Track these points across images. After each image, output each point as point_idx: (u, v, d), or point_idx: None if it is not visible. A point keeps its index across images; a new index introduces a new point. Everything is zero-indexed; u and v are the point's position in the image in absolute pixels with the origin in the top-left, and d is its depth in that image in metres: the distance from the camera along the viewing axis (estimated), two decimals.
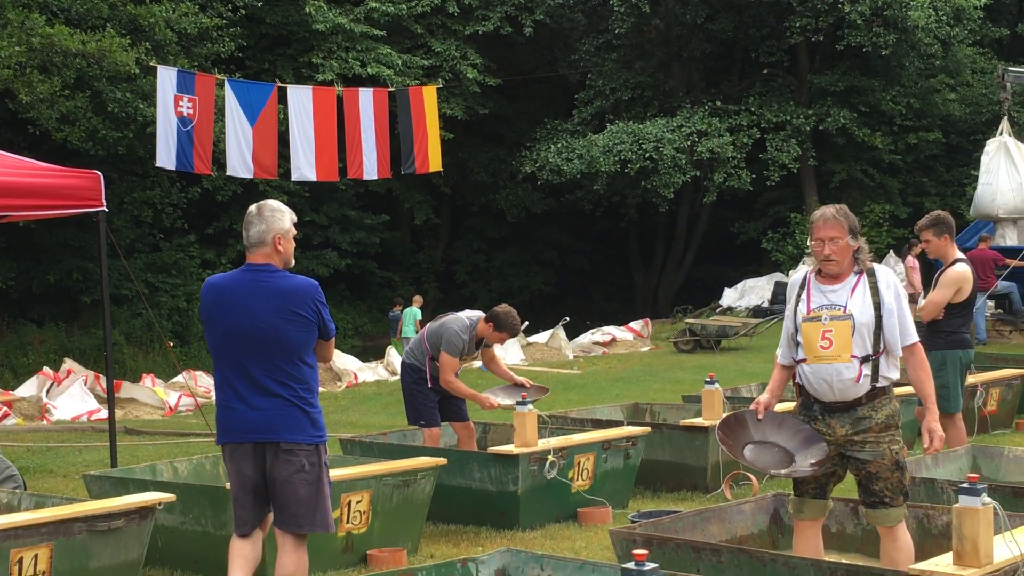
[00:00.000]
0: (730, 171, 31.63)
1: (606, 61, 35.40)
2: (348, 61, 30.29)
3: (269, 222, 5.83)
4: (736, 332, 23.45)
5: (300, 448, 5.69)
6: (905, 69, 32.93)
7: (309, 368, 5.77)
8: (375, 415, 15.88)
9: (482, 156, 37.18)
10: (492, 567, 5.50)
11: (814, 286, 5.89)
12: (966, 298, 9.18)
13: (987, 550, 5.04)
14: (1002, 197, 21.96)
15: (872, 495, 5.81)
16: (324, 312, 5.77)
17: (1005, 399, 12.18)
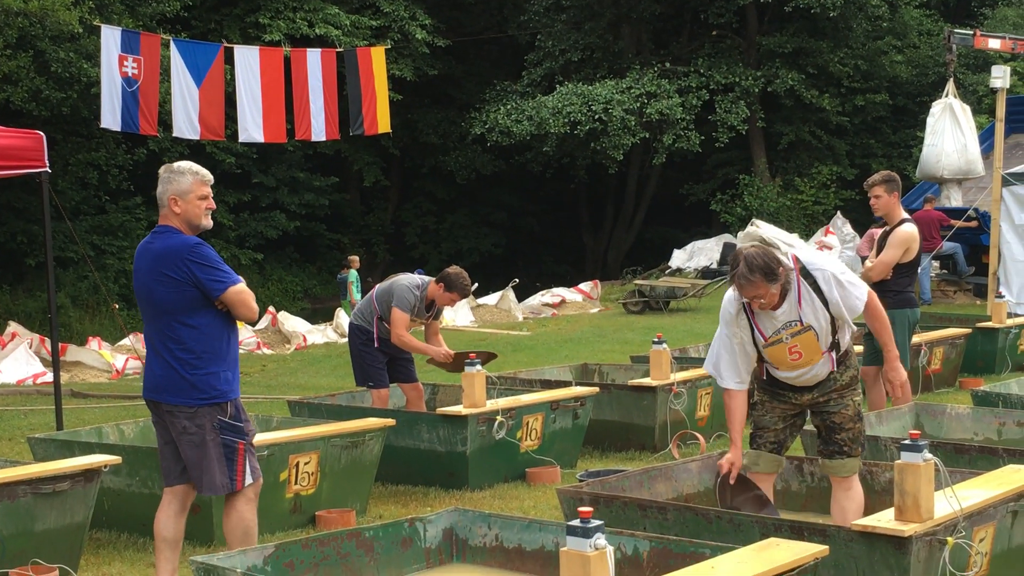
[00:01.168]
0: (679, 133, 31.68)
1: (555, 22, 35.29)
2: (296, 21, 30.01)
3: (166, 183, 5.78)
4: (685, 293, 23.55)
5: (179, 410, 5.71)
6: (853, 31, 33.08)
7: (188, 329, 5.67)
8: (324, 377, 15.85)
9: (431, 118, 37.02)
10: (440, 527, 5.52)
11: (759, 313, 5.79)
12: (913, 258, 9.26)
13: (928, 505, 5.10)
14: (947, 158, 22.15)
15: (833, 444, 5.91)
16: (199, 271, 5.63)
17: (949, 358, 12.33)
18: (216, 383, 5.70)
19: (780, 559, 4.62)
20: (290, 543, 5.11)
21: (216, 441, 5.70)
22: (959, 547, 5.16)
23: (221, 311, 5.74)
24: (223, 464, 5.72)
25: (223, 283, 5.66)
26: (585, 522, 4.13)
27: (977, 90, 29.48)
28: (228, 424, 5.72)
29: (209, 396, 5.68)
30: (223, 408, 5.72)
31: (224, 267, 5.75)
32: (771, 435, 6.00)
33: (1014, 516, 5.63)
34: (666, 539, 5.04)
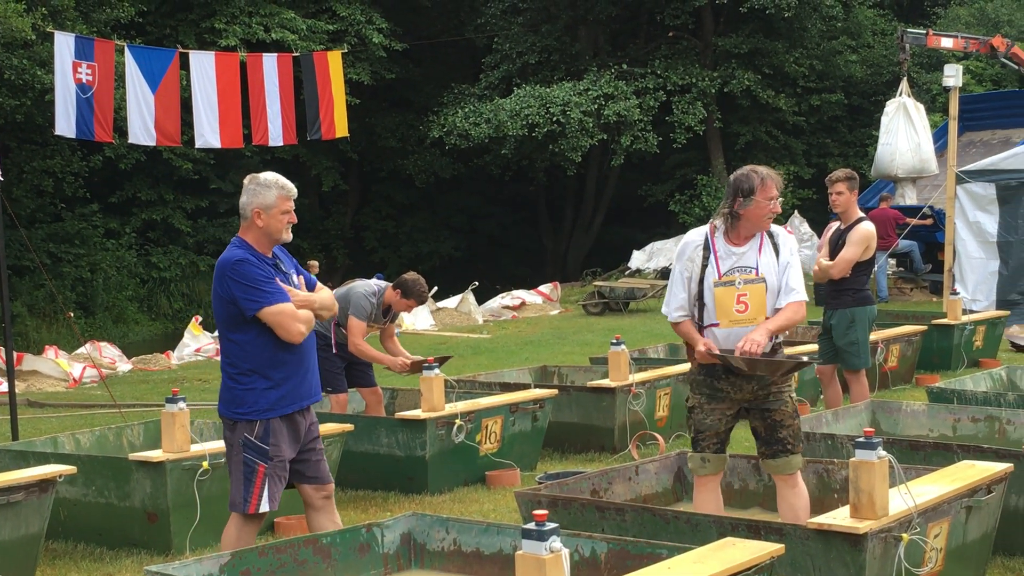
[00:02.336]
0: (637, 134, 31.76)
1: (512, 25, 35.31)
2: (252, 26, 29.89)
3: (251, 195, 5.82)
4: (644, 294, 23.61)
5: (224, 421, 5.82)
6: (807, 31, 33.28)
7: (232, 344, 5.72)
8: None
9: (389, 121, 36.95)
10: (398, 532, 5.51)
11: (722, 247, 5.87)
12: (870, 256, 9.34)
13: (883, 502, 5.14)
14: (901, 157, 22.31)
15: (776, 443, 5.91)
16: (236, 289, 5.64)
17: (905, 355, 12.43)
18: (250, 399, 5.69)
19: (736, 558, 4.64)
20: (246, 551, 5.09)
21: (239, 458, 5.72)
22: (914, 543, 5.20)
23: (268, 329, 5.69)
24: (240, 482, 5.73)
25: (257, 303, 5.64)
26: (540, 525, 4.14)
27: (931, 89, 29.73)
28: (251, 443, 5.70)
29: (243, 412, 5.70)
30: (251, 426, 5.70)
31: (266, 287, 5.68)
32: (713, 437, 5.95)
33: (968, 512, 5.68)
34: (623, 540, 5.05)
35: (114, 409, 12.58)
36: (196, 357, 19.73)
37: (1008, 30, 29.63)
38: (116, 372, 18.18)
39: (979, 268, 16.86)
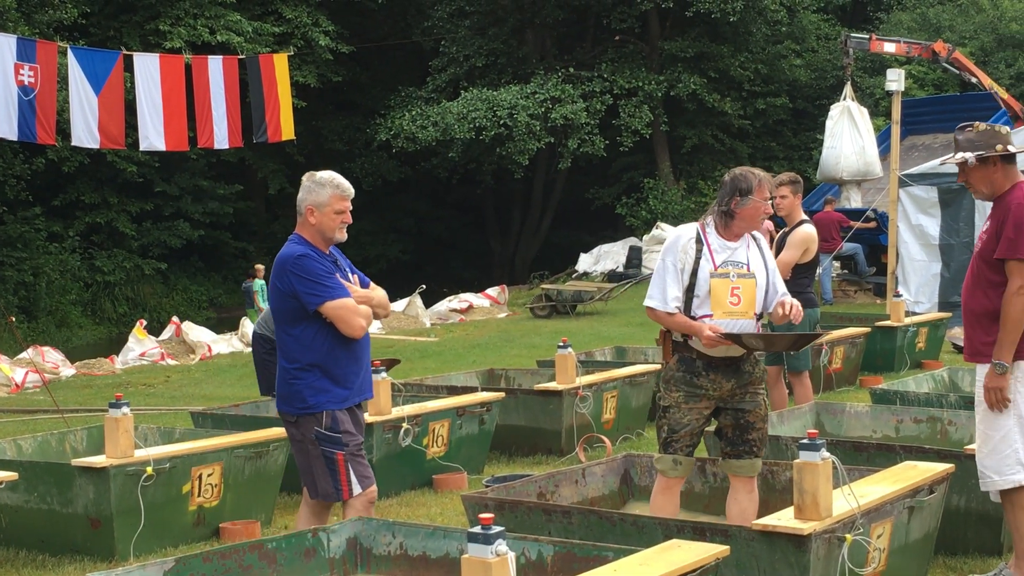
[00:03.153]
0: (584, 137, 31.85)
1: (459, 28, 35.31)
2: (197, 28, 29.71)
3: (305, 192, 5.87)
4: (592, 297, 23.67)
5: (285, 417, 5.91)
6: (753, 35, 33.52)
7: (291, 339, 5.80)
8: (229, 387, 15.69)
9: (336, 124, 36.85)
10: (344, 536, 5.48)
11: (715, 241, 5.93)
12: (812, 259, 9.39)
13: (826, 503, 5.17)
14: (845, 160, 22.51)
15: (744, 444, 5.93)
16: (298, 283, 5.70)
17: (849, 357, 12.52)
18: (310, 394, 5.78)
19: (682, 560, 4.65)
20: (190, 556, 5.04)
21: (317, 452, 5.80)
22: (857, 544, 5.24)
23: (327, 323, 5.76)
24: (326, 474, 5.81)
25: (319, 298, 5.69)
26: (486, 529, 4.13)
27: (874, 93, 30.00)
28: (324, 435, 5.78)
29: (305, 406, 5.78)
30: (318, 419, 5.78)
31: (327, 281, 5.74)
32: (687, 438, 5.91)
33: (911, 512, 5.73)
34: (570, 543, 5.05)
35: (57, 414, 12.44)
36: (141, 361, 19.56)
37: (949, 35, 29.99)
38: (59, 377, 18.00)
39: (921, 270, 17.04)
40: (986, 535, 6.44)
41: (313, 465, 5.84)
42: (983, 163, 5.84)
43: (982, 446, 5.94)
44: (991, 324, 5.80)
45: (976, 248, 6.00)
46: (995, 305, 5.77)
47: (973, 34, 31.16)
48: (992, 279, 5.81)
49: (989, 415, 5.87)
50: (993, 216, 5.87)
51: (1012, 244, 5.71)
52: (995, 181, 5.88)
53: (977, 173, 5.88)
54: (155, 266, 32.80)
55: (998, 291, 5.76)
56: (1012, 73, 29.71)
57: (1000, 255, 5.75)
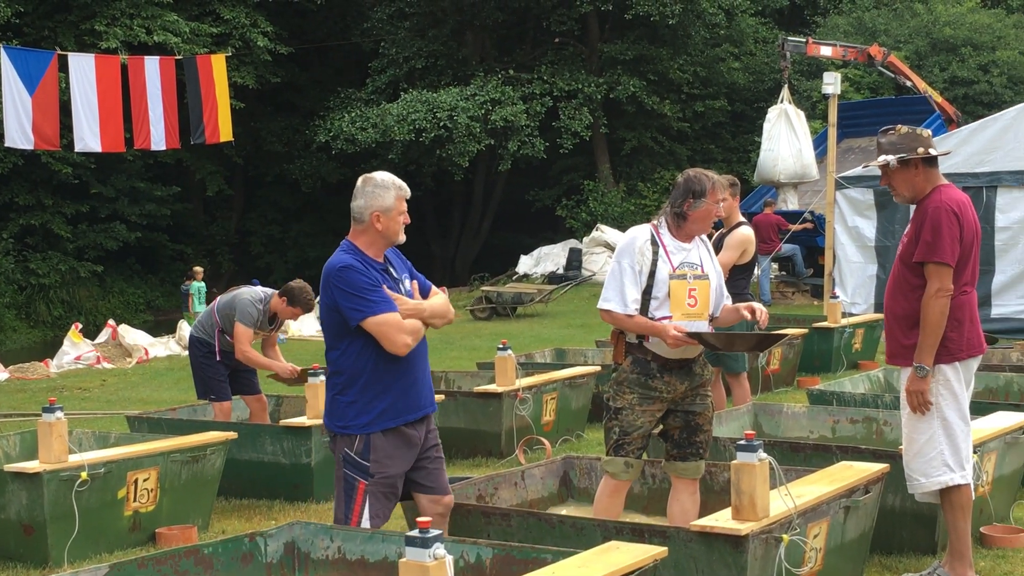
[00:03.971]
0: (524, 139, 31.89)
1: (399, 29, 35.24)
2: (133, 28, 29.42)
3: (369, 198, 5.55)
4: (532, 299, 23.70)
5: (327, 433, 5.65)
6: (691, 38, 33.71)
7: (336, 352, 5.50)
8: (167, 390, 15.55)
9: (275, 125, 36.65)
10: (281, 541, 5.43)
11: (670, 242, 5.93)
12: (749, 260, 9.45)
13: (764, 504, 5.20)
14: (783, 163, 22.70)
15: (693, 446, 5.95)
16: (340, 297, 5.39)
17: (787, 358, 12.61)
18: (349, 412, 5.46)
19: (620, 562, 4.66)
20: (124, 563, 4.98)
21: (340, 473, 5.50)
22: (794, 544, 5.27)
23: (373, 339, 5.41)
24: (342, 497, 5.51)
25: (360, 313, 5.36)
26: (424, 532, 4.12)
27: (811, 96, 30.27)
28: (351, 459, 5.45)
29: (343, 425, 5.48)
30: (351, 441, 5.45)
31: (371, 295, 5.39)
32: (639, 441, 5.89)
33: (847, 511, 5.78)
34: (508, 546, 5.04)
35: None
36: (76, 365, 19.33)
37: (885, 39, 30.30)
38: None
39: (858, 272, 17.21)
40: (921, 534, 6.51)
41: (336, 484, 5.57)
42: (904, 166, 5.90)
43: (908, 448, 6.01)
44: (912, 327, 5.86)
45: (898, 251, 6.06)
46: (915, 308, 5.83)
47: (908, 38, 31.52)
48: (912, 282, 5.87)
49: (913, 418, 5.93)
50: (914, 220, 5.94)
51: (930, 247, 5.77)
52: (916, 184, 5.94)
53: (899, 176, 5.94)
54: (91, 268, 32.45)
55: (918, 294, 5.82)
56: (946, 77, 30.08)
57: (919, 258, 5.81)
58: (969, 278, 5.91)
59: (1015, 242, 15.61)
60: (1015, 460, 7.20)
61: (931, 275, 5.77)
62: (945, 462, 5.87)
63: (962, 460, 5.90)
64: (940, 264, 5.74)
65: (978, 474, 6.40)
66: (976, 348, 5.95)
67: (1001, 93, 29.56)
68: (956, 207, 5.81)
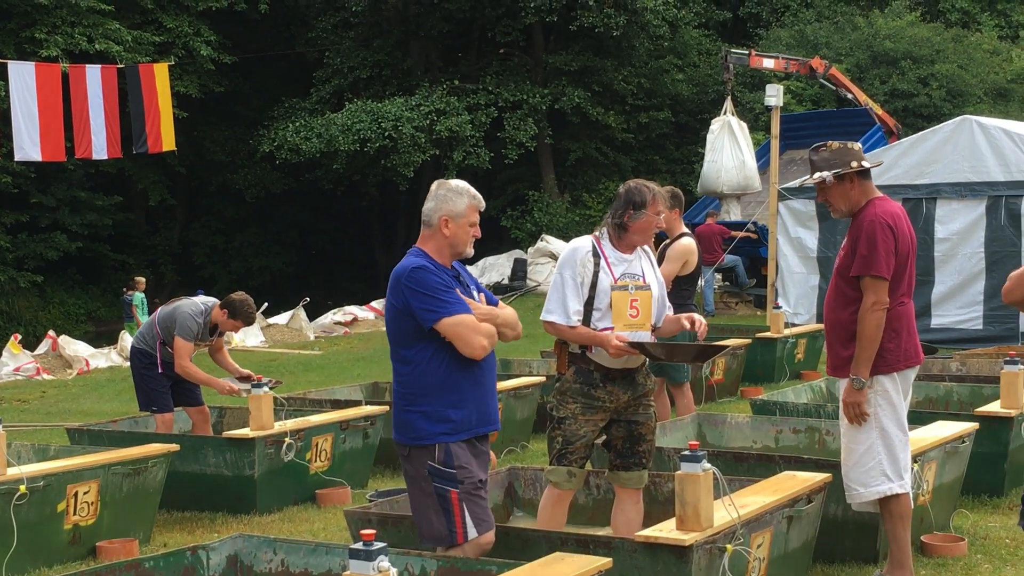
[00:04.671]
0: (469, 149, 31.88)
1: (343, 39, 35.15)
2: (74, 36, 29.10)
3: (440, 201, 5.32)
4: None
5: (399, 449, 5.35)
6: (636, 50, 33.86)
7: (407, 364, 5.23)
8: (108, 402, 15.40)
9: (219, 135, 36.42)
10: (223, 554, 5.40)
11: (612, 253, 5.95)
12: (693, 270, 9.49)
13: (708, 514, 5.23)
14: (726, 174, 22.85)
15: (634, 456, 5.96)
16: (413, 299, 5.13)
17: (731, 368, 12.69)
18: (424, 424, 5.21)
19: (565, 573, 4.67)
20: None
21: (429, 489, 5.23)
22: (738, 553, 5.30)
23: (447, 344, 5.19)
24: (439, 513, 5.22)
25: (436, 314, 5.12)
26: (368, 545, 4.10)
27: (753, 108, 30.51)
28: (437, 470, 5.20)
29: (417, 437, 5.22)
30: (431, 452, 5.20)
31: (445, 296, 5.16)
32: (582, 450, 5.90)
33: (790, 521, 5.82)
34: (453, 558, 5.04)
35: None
36: (15, 377, 19.09)
37: (826, 52, 30.61)
38: None
39: (800, 283, 17.34)
40: (863, 543, 6.56)
41: (426, 503, 5.26)
42: (840, 181, 5.97)
43: (847, 459, 6.06)
44: (850, 339, 5.92)
45: (836, 264, 6.12)
46: (853, 320, 5.90)
47: (849, 51, 31.85)
48: (849, 295, 5.94)
49: (852, 429, 5.99)
50: (850, 233, 6.01)
51: (865, 261, 5.84)
52: (852, 197, 6.01)
53: (835, 191, 6.01)
54: (31, 279, 32.05)
55: (855, 307, 5.89)
56: (886, 89, 30.42)
57: (855, 272, 5.88)
58: (905, 289, 5.98)
59: (954, 253, 15.79)
60: (955, 469, 7.28)
61: (867, 289, 5.83)
62: (884, 472, 5.93)
63: (900, 469, 5.96)
64: (876, 278, 5.81)
65: (918, 483, 6.47)
66: (913, 358, 6.02)
67: (940, 106, 29.93)
68: (891, 220, 5.88)
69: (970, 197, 15.68)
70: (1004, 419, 7.86)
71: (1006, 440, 7.87)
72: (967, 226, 15.71)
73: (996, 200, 15.49)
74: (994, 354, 12.23)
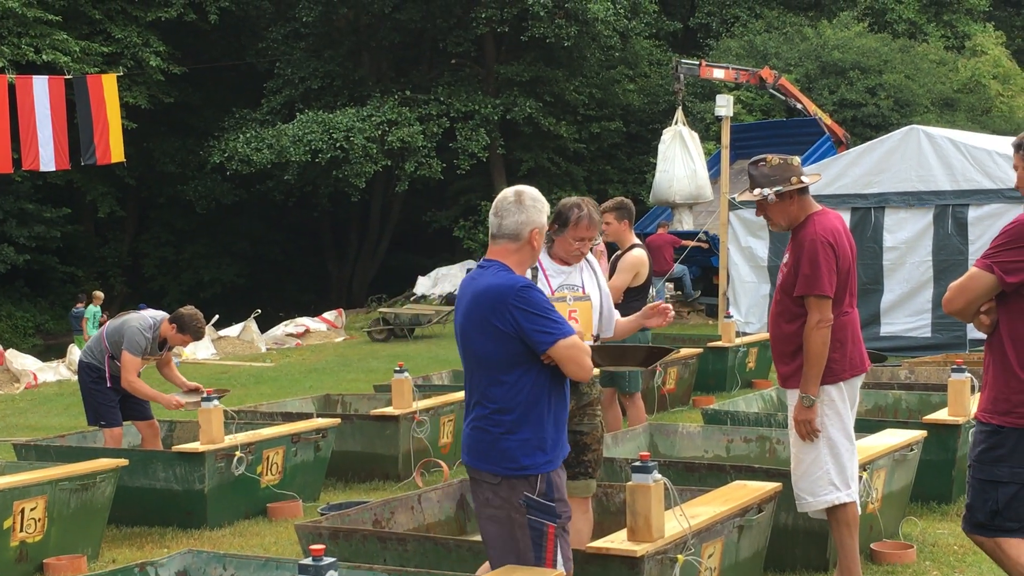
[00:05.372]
0: (421, 160, 31.87)
1: (294, 50, 35.06)
2: (21, 47, 28.84)
3: (530, 213, 4.96)
4: (429, 320, 23.65)
5: (484, 478, 4.83)
6: (587, 60, 33.99)
7: (503, 387, 4.75)
8: (56, 416, 15.23)
9: (168, 146, 36.20)
10: (172, 569, 5.34)
11: (549, 265, 5.96)
12: (644, 281, 9.50)
13: (659, 525, 5.23)
14: (678, 184, 22.94)
15: (579, 465, 5.92)
16: (525, 320, 4.68)
17: (682, 378, 12.73)
18: (523, 453, 4.75)
19: None
20: None
21: (522, 521, 4.78)
22: (689, 564, 5.31)
23: (546, 367, 4.78)
24: (528, 548, 4.79)
25: (551, 336, 4.70)
26: (317, 560, 4.08)
27: (704, 118, 30.68)
28: (535, 502, 4.76)
29: (517, 467, 4.74)
30: (531, 483, 4.76)
31: (555, 315, 4.77)
32: None
33: (740, 531, 5.83)
34: (404, 571, 5.02)
35: None
36: None
37: (776, 62, 30.86)
38: None
39: (751, 292, 17.43)
40: (813, 552, 6.59)
41: (515, 535, 4.79)
42: (780, 197, 5.98)
43: (795, 469, 6.10)
44: (795, 352, 5.96)
45: (778, 280, 6.14)
46: (798, 335, 5.94)
47: (798, 61, 32.11)
48: (793, 311, 5.98)
49: (800, 439, 6.03)
50: (792, 250, 6.03)
51: (809, 280, 5.88)
52: (791, 213, 6.03)
53: (775, 208, 6.02)
54: None
55: (800, 322, 5.93)
56: (835, 99, 30.69)
57: (799, 292, 5.91)
58: (849, 300, 6.02)
59: (902, 261, 15.92)
60: (903, 477, 7.33)
61: (811, 307, 5.87)
62: (831, 481, 5.97)
63: (848, 478, 6.00)
64: (820, 297, 5.85)
65: (867, 491, 6.51)
66: (859, 367, 6.06)
67: (888, 115, 30.23)
68: (831, 237, 5.91)
69: (917, 206, 15.83)
70: (952, 427, 7.93)
71: (954, 447, 7.93)
72: (915, 235, 15.86)
73: (943, 209, 15.64)
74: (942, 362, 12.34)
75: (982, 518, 4.87)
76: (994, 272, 4.73)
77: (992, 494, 4.82)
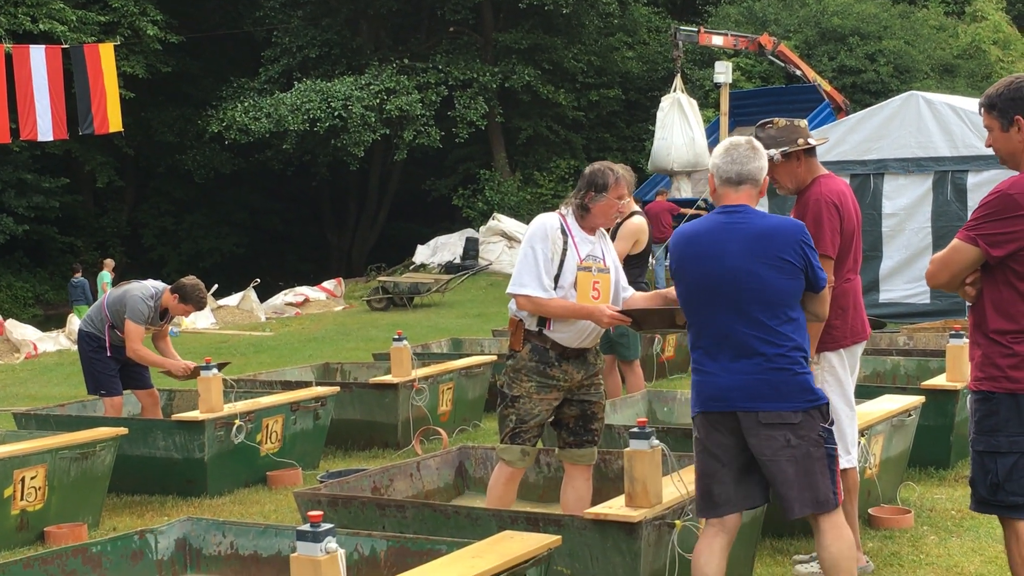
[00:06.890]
0: (419, 129, 31.80)
1: (292, 18, 34.93)
2: (18, 17, 28.74)
3: (763, 159, 5.07)
4: (429, 289, 23.66)
5: (786, 419, 4.82)
6: (585, 27, 33.87)
7: (793, 324, 4.87)
8: (56, 386, 15.26)
9: (167, 116, 36.10)
10: (172, 537, 5.37)
11: (577, 232, 5.91)
12: (643, 249, 9.51)
13: (656, 490, 5.25)
14: (676, 151, 22.92)
15: (587, 434, 5.99)
16: (812, 256, 4.90)
17: (681, 344, 12.72)
18: (813, 382, 4.92)
19: (514, 551, 4.67)
20: (10, 563, 4.89)
21: (820, 452, 4.87)
22: (687, 529, 5.32)
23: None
24: (826, 477, 4.89)
25: (824, 274, 5.01)
26: (315, 526, 4.09)
27: (703, 85, 30.59)
28: (828, 431, 4.91)
29: (815, 398, 4.87)
30: (823, 412, 4.90)
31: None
32: (535, 429, 5.91)
33: None
34: (403, 538, 5.04)
35: None
36: None
37: (775, 28, 30.74)
38: None
39: None
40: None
41: (810, 470, 4.84)
42: (787, 159, 5.95)
43: None
44: None
45: None
46: None
47: (797, 28, 32.00)
48: None
49: None
50: (796, 211, 6.01)
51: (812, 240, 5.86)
52: (798, 175, 6.00)
53: (782, 169, 5.98)
54: None
55: None
56: (834, 66, 30.59)
57: None
58: (852, 266, 6.00)
59: (901, 228, 15.91)
60: (901, 442, 7.35)
61: None
62: None
63: (848, 444, 6.00)
64: (823, 257, 5.83)
65: (865, 457, 6.52)
66: (860, 334, 6.05)
67: (888, 82, 30.14)
68: (836, 199, 5.89)
69: (917, 172, 15.80)
70: (950, 392, 7.94)
71: (952, 413, 7.95)
72: (914, 201, 15.83)
73: (943, 175, 15.62)
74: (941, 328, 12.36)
75: (984, 493, 4.74)
76: (979, 245, 4.64)
77: (991, 466, 4.69)
